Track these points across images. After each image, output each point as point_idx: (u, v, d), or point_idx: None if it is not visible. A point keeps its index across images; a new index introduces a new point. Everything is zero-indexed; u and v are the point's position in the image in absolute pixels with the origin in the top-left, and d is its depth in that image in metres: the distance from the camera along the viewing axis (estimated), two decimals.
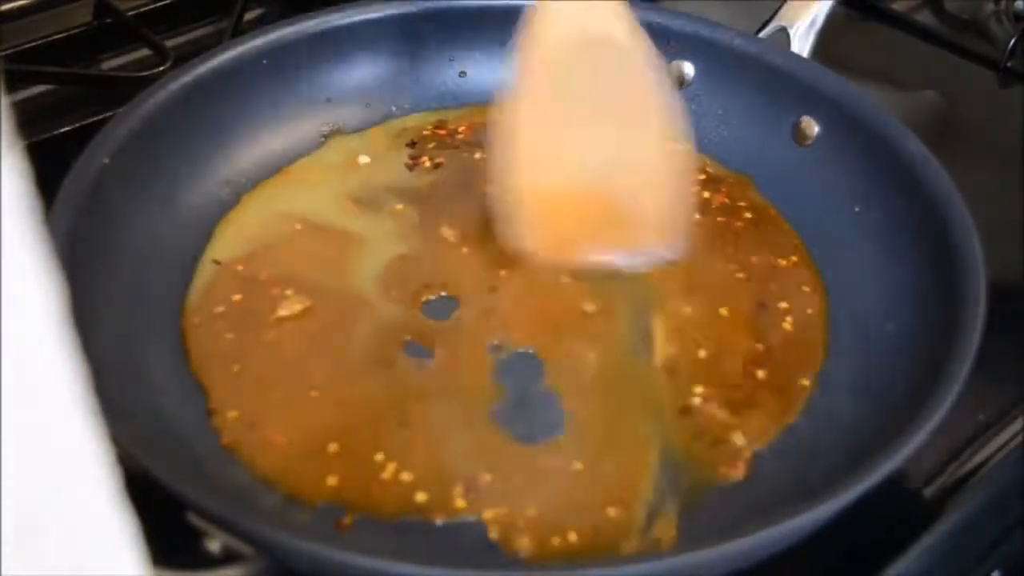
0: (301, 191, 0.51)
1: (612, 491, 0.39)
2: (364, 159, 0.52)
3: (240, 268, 0.46)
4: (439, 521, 0.38)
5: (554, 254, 0.47)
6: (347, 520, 0.38)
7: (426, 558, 0.33)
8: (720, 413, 0.42)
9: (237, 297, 0.45)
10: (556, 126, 0.46)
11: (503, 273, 0.47)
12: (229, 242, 0.48)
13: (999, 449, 0.43)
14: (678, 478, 0.40)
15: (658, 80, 0.46)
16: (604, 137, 0.46)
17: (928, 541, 0.40)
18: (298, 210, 0.50)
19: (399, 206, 0.50)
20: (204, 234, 0.48)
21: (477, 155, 0.53)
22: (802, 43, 0.57)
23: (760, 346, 0.45)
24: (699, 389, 0.43)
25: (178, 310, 0.44)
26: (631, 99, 0.46)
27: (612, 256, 0.47)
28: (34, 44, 0.58)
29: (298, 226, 0.49)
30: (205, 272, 0.46)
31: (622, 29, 0.45)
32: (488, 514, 0.38)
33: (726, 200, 0.51)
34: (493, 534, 0.38)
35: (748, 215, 0.51)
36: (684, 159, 0.47)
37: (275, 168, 0.51)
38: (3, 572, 0.20)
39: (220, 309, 0.45)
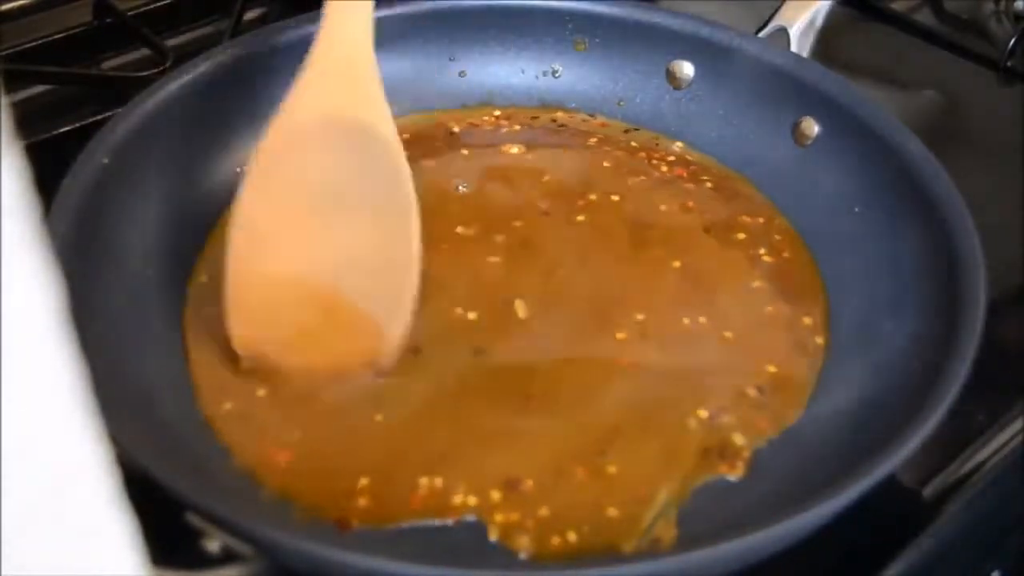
0: None
1: (615, 493, 0.39)
2: None
3: None
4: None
5: (260, 352, 0.42)
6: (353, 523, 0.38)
7: (426, 558, 0.33)
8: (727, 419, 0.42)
9: None
10: (286, 212, 0.42)
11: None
12: None
13: (999, 449, 0.43)
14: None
15: (407, 174, 0.42)
16: (339, 231, 0.42)
17: (928, 541, 0.40)
18: None
19: None
20: (204, 234, 0.48)
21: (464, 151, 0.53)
22: (802, 43, 0.57)
23: None
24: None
25: (178, 310, 0.44)
26: (376, 193, 0.42)
27: (315, 362, 0.42)
28: (34, 44, 0.58)
29: None
30: (205, 272, 0.46)
31: (386, 123, 0.42)
32: (499, 517, 0.38)
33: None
34: (493, 535, 0.38)
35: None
36: (415, 270, 0.43)
37: None
38: (3, 572, 0.20)
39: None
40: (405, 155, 0.42)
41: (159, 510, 0.27)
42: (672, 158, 0.53)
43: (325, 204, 0.42)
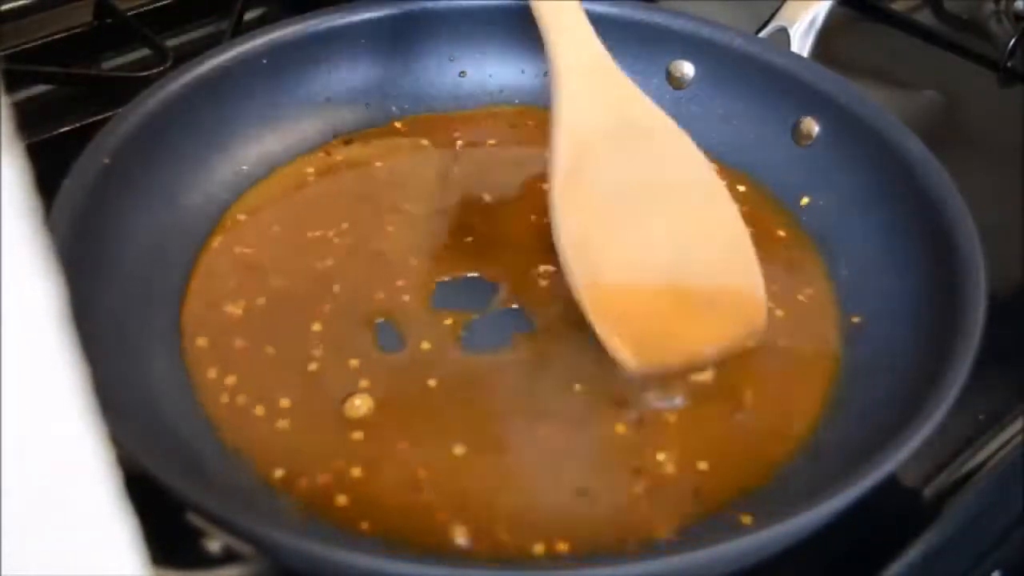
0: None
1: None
2: (364, 159, 0.52)
3: None
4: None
5: (647, 358, 0.42)
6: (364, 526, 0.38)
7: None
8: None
9: None
10: (611, 223, 0.43)
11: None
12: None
13: (999, 449, 0.43)
14: None
15: (700, 156, 0.45)
16: (662, 221, 0.44)
17: (928, 541, 0.40)
18: None
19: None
20: (204, 234, 0.48)
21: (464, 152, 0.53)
22: (802, 43, 0.57)
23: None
24: None
25: (178, 310, 0.44)
26: (681, 182, 0.44)
27: (704, 350, 0.42)
28: (34, 44, 0.58)
29: None
30: (205, 272, 0.46)
31: (656, 113, 0.45)
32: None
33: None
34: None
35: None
36: (747, 234, 0.44)
37: (276, 168, 0.51)
38: (3, 572, 0.20)
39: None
40: (686, 137, 0.44)
41: (159, 510, 0.27)
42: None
43: (636, 205, 0.43)
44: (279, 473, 0.39)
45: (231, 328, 0.44)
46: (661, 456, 0.40)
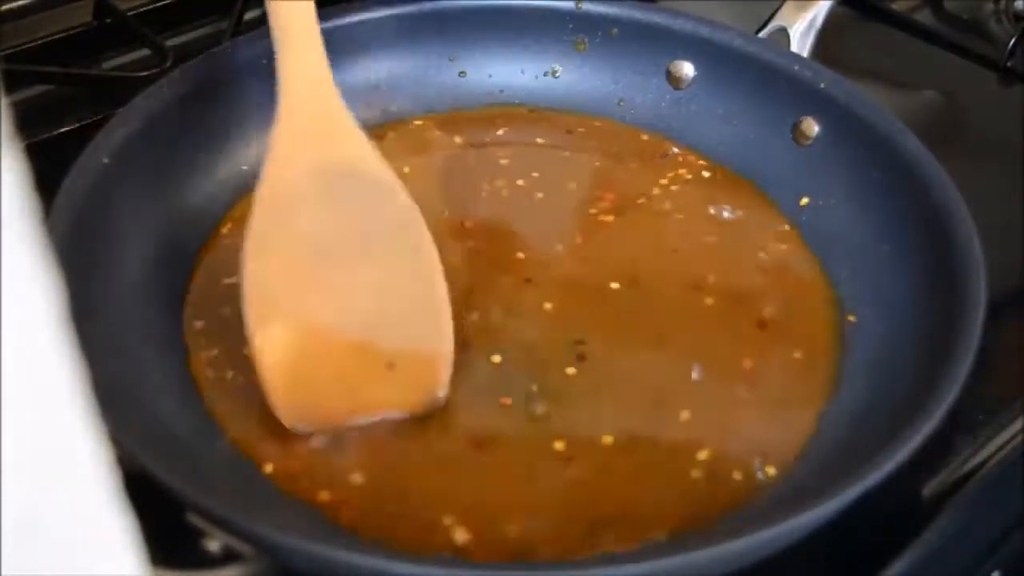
0: None
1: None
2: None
3: None
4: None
5: (312, 419, 0.40)
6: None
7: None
8: None
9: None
10: (297, 270, 0.40)
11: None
12: None
13: (999, 449, 0.43)
14: None
15: (412, 210, 0.41)
16: (356, 276, 0.41)
17: (928, 541, 0.40)
18: None
19: None
20: (204, 234, 0.48)
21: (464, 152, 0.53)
22: (802, 43, 0.57)
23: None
24: None
25: (179, 310, 0.44)
26: (386, 236, 0.41)
27: (378, 413, 0.40)
28: (34, 44, 0.58)
29: None
30: (205, 272, 0.46)
31: (372, 159, 0.41)
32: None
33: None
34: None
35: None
36: (446, 298, 0.42)
37: None
38: (3, 572, 0.20)
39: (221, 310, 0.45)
40: (404, 190, 0.41)
41: (159, 510, 0.27)
42: (672, 159, 0.53)
43: (334, 253, 0.40)
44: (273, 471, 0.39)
45: (231, 328, 0.44)
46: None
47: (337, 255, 0.41)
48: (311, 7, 0.43)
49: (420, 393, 0.41)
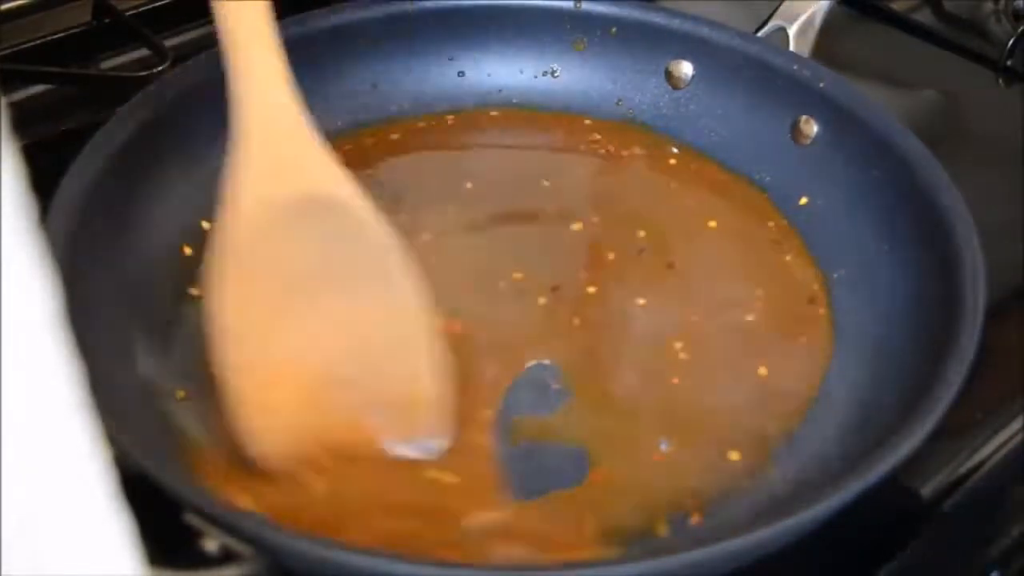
0: None
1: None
2: (363, 160, 0.52)
3: None
4: None
5: (290, 456, 0.38)
6: None
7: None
8: None
9: None
10: (265, 307, 0.38)
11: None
12: None
13: (999, 449, 0.43)
14: None
15: (392, 241, 0.39)
16: (331, 310, 0.38)
17: (927, 540, 0.40)
18: None
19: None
20: (204, 234, 0.47)
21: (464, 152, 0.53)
22: (802, 43, 0.57)
23: None
24: None
25: (178, 310, 0.44)
26: (364, 267, 0.38)
27: (351, 452, 0.38)
28: (33, 44, 0.58)
29: None
30: (205, 272, 0.46)
31: (343, 186, 0.38)
32: None
33: None
34: None
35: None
36: (431, 329, 0.39)
37: None
38: (3, 573, 0.20)
39: None
40: (377, 217, 0.39)
41: (158, 510, 0.27)
42: (671, 159, 0.53)
43: (309, 285, 0.38)
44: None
45: None
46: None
47: (313, 289, 0.38)
48: (263, 8, 0.38)
49: (402, 429, 0.38)
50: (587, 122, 0.55)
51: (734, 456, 0.41)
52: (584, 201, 0.51)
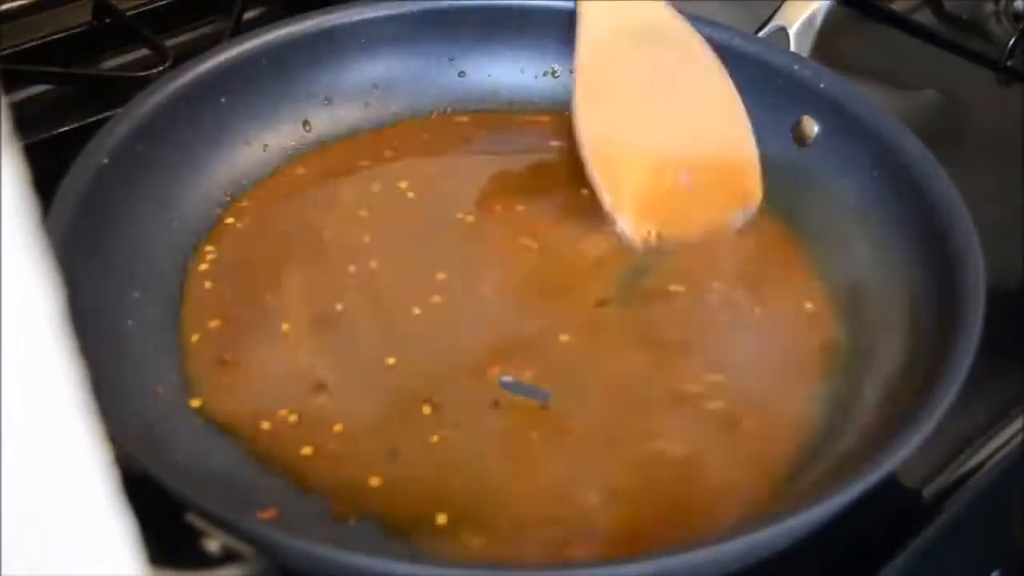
0: None
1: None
2: (364, 161, 0.52)
3: None
4: None
5: (649, 227, 0.48)
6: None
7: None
8: None
9: None
10: (625, 112, 0.49)
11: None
12: None
13: (999, 449, 0.43)
14: None
15: (707, 50, 0.50)
16: (673, 112, 0.50)
17: (928, 541, 0.40)
18: None
19: None
20: (203, 234, 0.48)
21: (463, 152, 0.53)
22: (802, 43, 0.57)
23: None
24: None
25: (178, 311, 0.44)
26: (688, 74, 0.50)
27: (704, 222, 0.49)
28: (33, 44, 0.58)
29: None
30: (205, 272, 0.46)
31: (674, 18, 0.51)
32: None
33: None
34: None
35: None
36: (744, 113, 0.50)
37: (274, 168, 0.51)
38: (3, 572, 0.20)
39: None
40: (706, 47, 0.50)
41: (159, 510, 0.27)
42: None
43: (649, 93, 0.50)
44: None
45: (232, 328, 0.44)
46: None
47: (652, 95, 0.50)
48: None
49: (740, 197, 0.49)
50: None
51: None
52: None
